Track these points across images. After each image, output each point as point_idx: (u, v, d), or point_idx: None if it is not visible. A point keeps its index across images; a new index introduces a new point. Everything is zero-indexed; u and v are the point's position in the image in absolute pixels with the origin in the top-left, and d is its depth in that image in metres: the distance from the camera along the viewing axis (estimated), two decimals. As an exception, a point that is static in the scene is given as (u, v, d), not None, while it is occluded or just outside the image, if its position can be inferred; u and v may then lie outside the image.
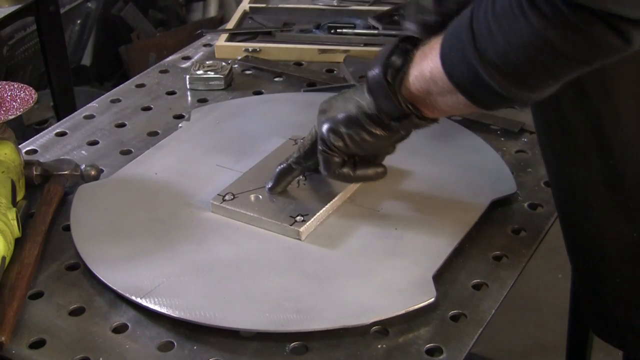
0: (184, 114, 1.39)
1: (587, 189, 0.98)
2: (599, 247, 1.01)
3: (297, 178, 1.12)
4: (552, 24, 0.78)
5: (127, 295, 0.97)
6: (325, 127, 1.02)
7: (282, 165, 1.11)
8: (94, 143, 1.32)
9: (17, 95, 1.17)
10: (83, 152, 1.29)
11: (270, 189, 1.11)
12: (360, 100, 0.99)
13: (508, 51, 0.82)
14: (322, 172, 1.05)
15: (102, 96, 1.46)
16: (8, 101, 1.16)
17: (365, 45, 1.55)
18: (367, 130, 1.00)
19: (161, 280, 0.99)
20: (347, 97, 1.02)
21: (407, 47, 0.96)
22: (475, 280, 1.01)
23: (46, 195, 1.15)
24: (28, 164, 1.18)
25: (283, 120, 1.32)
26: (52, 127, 1.37)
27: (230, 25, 1.67)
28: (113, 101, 1.44)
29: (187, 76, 1.47)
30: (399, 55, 0.96)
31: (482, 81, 0.85)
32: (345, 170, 1.04)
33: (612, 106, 0.92)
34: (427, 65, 0.92)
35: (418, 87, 0.94)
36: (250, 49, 1.56)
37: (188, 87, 1.46)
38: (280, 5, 1.76)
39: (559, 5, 0.76)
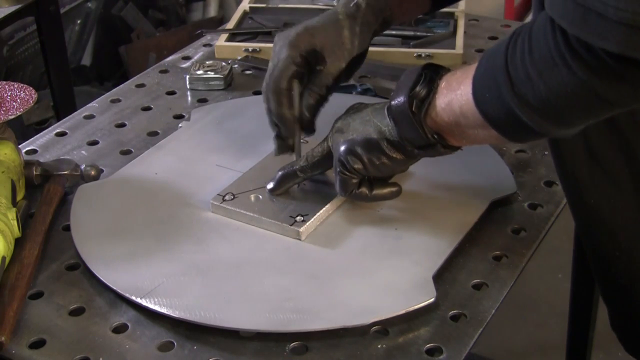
0: (184, 114, 1.39)
1: (617, 217, 0.98)
2: (629, 274, 1.02)
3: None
4: (596, 74, 0.78)
5: (127, 295, 0.97)
6: (343, 149, 1.02)
7: (285, 170, 1.10)
8: (94, 143, 1.32)
9: (17, 95, 1.17)
10: (83, 152, 1.29)
11: (271, 191, 1.11)
12: (380, 125, 0.99)
13: (549, 97, 0.82)
14: (339, 192, 1.05)
15: (102, 96, 1.46)
16: (8, 101, 1.16)
17: (365, 45, 1.54)
18: (387, 155, 1.00)
19: (161, 280, 0.99)
20: (366, 119, 1.01)
21: (431, 76, 0.96)
22: (475, 280, 1.01)
23: (46, 195, 1.15)
24: (28, 164, 1.18)
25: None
26: (52, 127, 1.37)
27: (230, 25, 1.67)
28: (113, 101, 1.44)
29: (187, 76, 1.47)
30: (423, 85, 0.96)
31: (519, 121, 0.86)
32: (362, 190, 1.04)
33: None
34: (456, 100, 0.92)
35: (445, 119, 0.94)
36: (250, 49, 1.56)
37: (188, 87, 1.47)
38: (280, 5, 1.75)
39: (602, 56, 0.76)
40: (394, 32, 1.55)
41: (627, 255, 1.00)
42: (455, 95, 0.93)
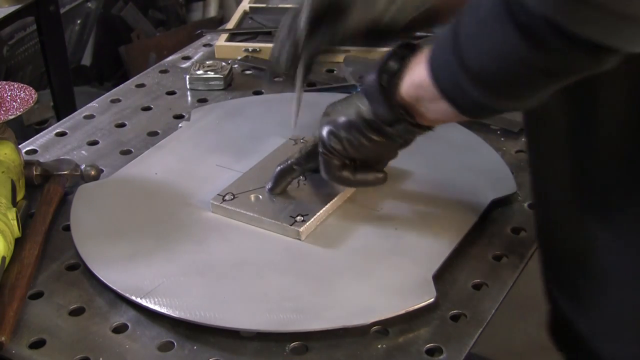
0: (184, 114, 1.39)
1: (554, 190, 0.95)
2: (563, 253, 0.99)
3: (297, 178, 1.12)
4: (524, 35, 0.74)
5: (127, 295, 0.97)
6: (325, 130, 1.02)
7: (282, 166, 1.11)
8: (94, 143, 1.32)
9: (17, 95, 1.17)
10: (83, 152, 1.29)
11: (270, 190, 1.11)
12: (360, 105, 0.99)
13: (485, 59, 0.80)
14: (322, 174, 1.05)
15: (102, 96, 1.46)
16: (8, 101, 1.16)
17: (365, 45, 1.54)
18: (365, 136, 0.99)
19: (161, 280, 0.99)
20: (350, 102, 1.01)
21: (405, 53, 0.95)
22: (475, 280, 1.01)
23: (46, 195, 1.15)
24: (28, 164, 1.18)
25: (283, 120, 1.31)
26: (52, 127, 1.37)
27: (230, 25, 1.67)
28: (113, 101, 1.44)
29: (187, 76, 1.47)
30: (395, 61, 0.95)
31: (464, 89, 0.83)
32: (345, 173, 1.04)
33: (591, 106, 0.86)
34: (417, 71, 0.91)
35: (410, 93, 0.93)
36: (250, 49, 1.56)
37: (188, 87, 1.47)
38: (280, 5, 1.75)
39: (536, 20, 0.72)
40: (394, 32, 1.55)
41: (560, 230, 0.96)
42: (418, 66, 0.91)
